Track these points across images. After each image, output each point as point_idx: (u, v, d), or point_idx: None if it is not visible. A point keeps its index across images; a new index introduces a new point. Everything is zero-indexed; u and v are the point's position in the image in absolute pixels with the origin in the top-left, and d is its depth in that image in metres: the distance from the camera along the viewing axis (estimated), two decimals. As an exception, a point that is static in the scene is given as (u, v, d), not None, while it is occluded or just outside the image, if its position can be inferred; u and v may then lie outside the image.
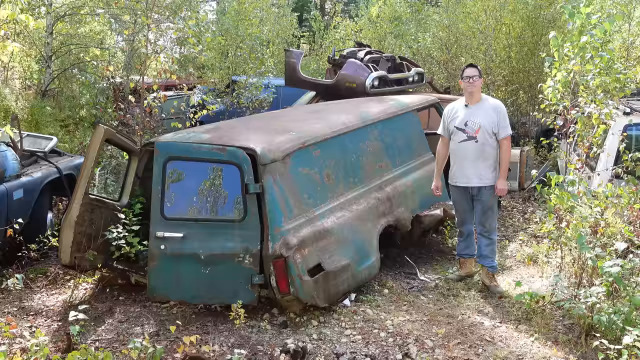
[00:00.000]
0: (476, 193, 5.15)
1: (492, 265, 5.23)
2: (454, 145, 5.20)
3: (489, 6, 13.45)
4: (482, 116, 5.06)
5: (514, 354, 4.06)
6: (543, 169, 9.41)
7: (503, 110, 5.10)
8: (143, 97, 7.36)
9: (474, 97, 5.13)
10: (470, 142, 5.08)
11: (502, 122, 5.05)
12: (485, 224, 5.19)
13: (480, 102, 5.14)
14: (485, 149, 5.06)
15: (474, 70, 5.12)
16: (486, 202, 5.14)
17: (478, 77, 5.08)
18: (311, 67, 16.77)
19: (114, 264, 5.16)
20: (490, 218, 5.18)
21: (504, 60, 13.24)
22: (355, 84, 8.58)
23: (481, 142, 5.04)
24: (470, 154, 5.10)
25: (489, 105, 5.12)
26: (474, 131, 5.06)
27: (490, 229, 5.20)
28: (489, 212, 5.16)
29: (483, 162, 5.08)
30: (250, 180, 4.47)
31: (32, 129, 10.77)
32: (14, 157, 5.89)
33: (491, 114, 5.05)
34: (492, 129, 5.03)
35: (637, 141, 6.13)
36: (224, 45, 12.69)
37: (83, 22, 14.68)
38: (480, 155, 5.07)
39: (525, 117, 13.26)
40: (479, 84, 5.13)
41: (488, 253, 5.21)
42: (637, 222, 4.84)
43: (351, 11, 23.11)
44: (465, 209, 5.31)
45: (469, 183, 5.14)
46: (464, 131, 5.11)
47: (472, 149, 5.08)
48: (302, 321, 4.58)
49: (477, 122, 5.06)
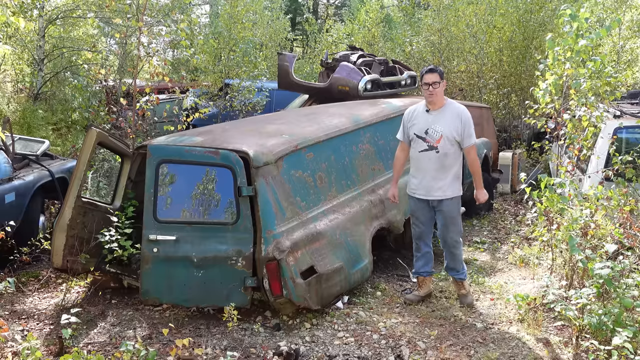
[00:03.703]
0: (437, 205, 4.79)
1: (459, 275, 4.98)
2: (414, 153, 4.82)
3: (480, 10, 13.53)
4: (443, 123, 4.67)
5: (505, 355, 4.08)
6: (535, 171, 9.47)
7: (467, 117, 4.68)
8: (135, 100, 7.36)
9: (436, 103, 4.72)
10: (431, 152, 4.69)
11: (467, 129, 4.66)
12: (447, 237, 4.85)
13: (442, 107, 4.74)
14: (447, 159, 4.68)
15: (434, 75, 4.66)
16: (447, 214, 4.78)
17: (439, 82, 4.65)
18: (304, 71, 16.81)
19: (107, 267, 5.16)
20: (452, 232, 4.82)
21: (495, 64, 13.33)
22: (348, 87, 8.61)
23: (442, 152, 4.67)
24: (430, 165, 4.72)
25: (452, 112, 4.71)
26: (435, 140, 4.67)
27: (452, 242, 4.86)
28: (450, 226, 4.81)
29: (444, 174, 4.71)
30: (243, 183, 4.48)
31: (24, 132, 10.76)
32: (6, 160, 5.88)
33: (454, 121, 4.66)
34: (454, 137, 4.65)
35: (627, 144, 6.18)
36: (217, 48, 12.70)
37: (75, 25, 14.66)
38: (442, 166, 4.69)
39: (517, 120, 13.35)
40: (441, 89, 4.69)
41: (454, 265, 4.95)
42: (627, 224, 4.87)
43: (343, 15, 23.18)
44: (423, 221, 4.91)
45: (429, 196, 4.78)
46: (424, 140, 4.72)
47: (433, 160, 4.70)
48: (294, 323, 4.59)
49: (439, 130, 4.67)
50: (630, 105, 7.44)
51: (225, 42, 12.56)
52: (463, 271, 5.01)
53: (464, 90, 13.44)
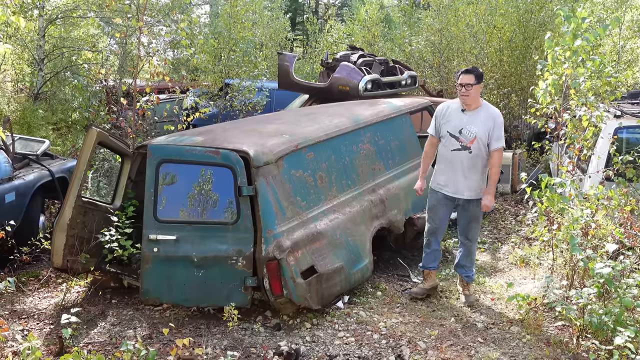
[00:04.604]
0: (463, 203, 4.88)
1: (468, 275, 5.08)
2: (445, 151, 4.87)
3: (480, 10, 13.52)
4: (478, 125, 4.72)
5: (506, 355, 4.08)
6: (535, 171, 9.46)
7: (500, 120, 4.74)
8: (136, 100, 7.35)
9: (471, 104, 4.76)
10: (464, 152, 4.76)
11: (497, 132, 4.70)
12: (469, 234, 4.99)
13: (478, 108, 4.77)
14: (478, 160, 4.77)
15: (470, 77, 4.68)
16: (473, 213, 4.90)
17: (474, 84, 4.67)
18: (304, 70, 16.80)
19: (107, 266, 5.16)
20: (474, 229, 4.97)
21: (495, 64, 13.31)
22: (349, 87, 8.61)
23: (475, 153, 4.74)
24: (462, 165, 4.79)
25: (487, 114, 4.76)
26: (469, 141, 4.73)
27: (473, 239, 5.02)
28: (473, 223, 4.94)
29: (475, 174, 4.80)
30: (244, 183, 4.48)
31: (24, 132, 10.75)
32: (6, 160, 5.88)
33: (487, 122, 4.71)
34: (487, 139, 4.72)
35: (628, 144, 6.18)
36: (217, 48, 12.70)
37: (75, 25, 14.66)
38: (473, 167, 4.78)
39: (518, 120, 13.34)
40: (476, 91, 4.71)
41: (466, 263, 5.06)
42: (628, 224, 4.87)
43: (344, 15, 23.17)
44: (440, 217, 5.00)
45: (458, 194, 4.85)
46: (457, 139, 4.77)
47: (465, 160, 4.77)
48: (295, 323, 4.59)
49: (474, 131, 4.71)
50: (631, 105, 7.44)
51: (225, 41, 12.54)
52: (473, 272, 5.11)
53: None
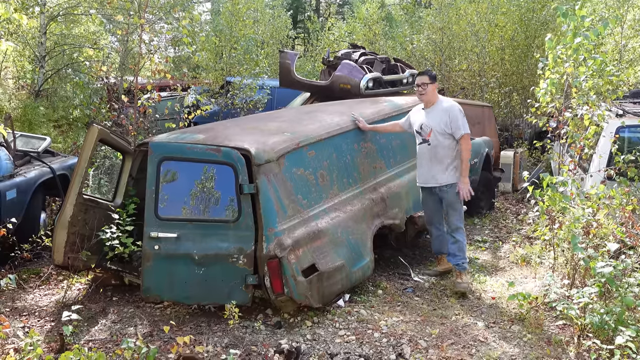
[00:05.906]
0: (438, 192, 5.35)
1: (458, 263, 5.30)
2: (416, 147, 5.46)
3: (482, 8, 13.51)
4: (433, 119, 5.28)
5: (507, 354, 4.07)
6: (536, 170, 9.45)
7: (455, 111, 5.21)
8: (137, 98, 7.35)
9: (428, 102, 5.34)
10: (425, 145, 5.34)
11: (454, 122, 5.18)
12: (449, 222, 5.38)
13: (434, 105, 5.34)
14: (438, 151, 5.25)
15: (424, 77, 5.30)
16: (446, 201, 5.32)
17: (429, 83, 5.25)
18: (306, 69, 16.78)
19: (108, 264, 5.16)
20: (453, 216, 5.32)
21: (497, 63, 13.31)
22: (350, 85, 8.60)
23: (434, 144, 5.27)
24: (425, 156, 5.36)
25: (441, 108, 5.29)
26: (427, 134, 5.31)
27: (454, 227, 5.32)
28: (450, 210, 5.33)
29: (437, 164, 5.27)
30: (245, 181, 4.47)
31: (26, 129, 10.75)
32: (7, 157, 5.87)
33: (442, 115, 5.23)
34: (444, 131, 5.21)
35: (630, 143, 6.17)
36: (218, 46, 12.69)
37: (77, 22, 14.64)
38: (434, 157, 5.28)
39: (519, 119, 13.33)
40: (431, 89, 5.28)
41: (454, 251, 5.33)
42: (629, 223, 4.87)
43: (345, 13, 23.14)
44: (431, 207, 5.52)
45: (427, 183, 5.40)
46: (420, 134, 5.38)
47: (426, 152, 5.33)
48: (296, 322, 4.58)
49: (430, 125, 5.29)
50: (633, 104, 7.43)
51: (227, 39, 12.54)
52: (464, 261, 5.30)
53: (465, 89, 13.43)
